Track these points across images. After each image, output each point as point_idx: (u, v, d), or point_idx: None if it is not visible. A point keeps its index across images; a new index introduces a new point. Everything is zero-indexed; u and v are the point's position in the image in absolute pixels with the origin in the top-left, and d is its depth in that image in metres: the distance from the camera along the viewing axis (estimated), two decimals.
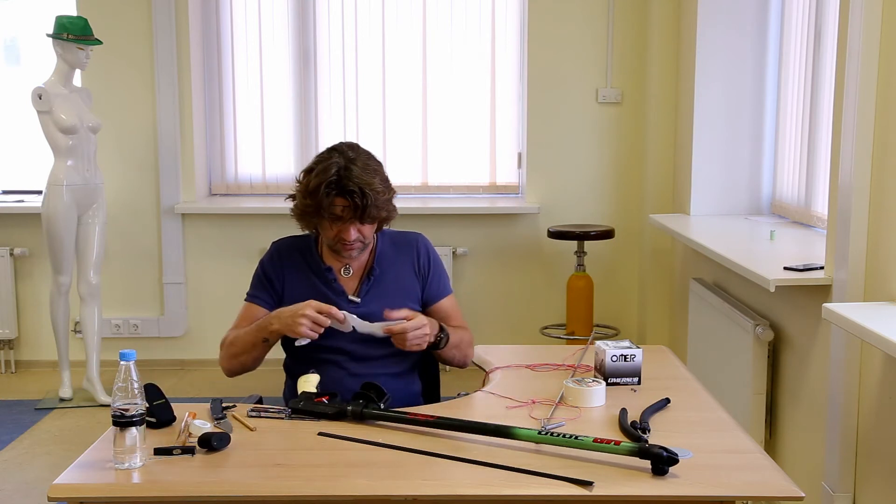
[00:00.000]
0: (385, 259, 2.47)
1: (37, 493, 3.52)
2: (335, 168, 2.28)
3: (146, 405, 1.86)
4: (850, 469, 2.82)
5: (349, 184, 2.26)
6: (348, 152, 2.33)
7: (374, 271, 2.45)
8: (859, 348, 2.74)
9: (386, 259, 2.47)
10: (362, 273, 2.46)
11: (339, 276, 2.45)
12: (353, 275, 2.46)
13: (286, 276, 2.45)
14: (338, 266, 2.45)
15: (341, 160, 2.30)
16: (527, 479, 1.74)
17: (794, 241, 3.64)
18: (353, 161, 2.30)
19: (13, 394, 4.75)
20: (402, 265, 2.48)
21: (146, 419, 1.85)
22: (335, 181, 2.27)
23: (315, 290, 2.41)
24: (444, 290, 2.53)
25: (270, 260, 2.49)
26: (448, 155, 5.14)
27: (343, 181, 2.27)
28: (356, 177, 2.27)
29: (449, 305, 2.53)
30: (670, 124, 4.68)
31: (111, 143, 4.91)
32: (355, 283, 2.45)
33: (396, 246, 2.51)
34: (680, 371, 2.43)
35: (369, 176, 2.30)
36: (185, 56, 4.93)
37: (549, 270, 5.04)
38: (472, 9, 5.03)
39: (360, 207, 2.28)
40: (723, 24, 4.24)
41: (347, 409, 2.04)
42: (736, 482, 1.74)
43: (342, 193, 2.27)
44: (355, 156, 2.33)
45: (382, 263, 2.46)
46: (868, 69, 2.66)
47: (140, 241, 5.09)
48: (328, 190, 2.27)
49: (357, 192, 2.26)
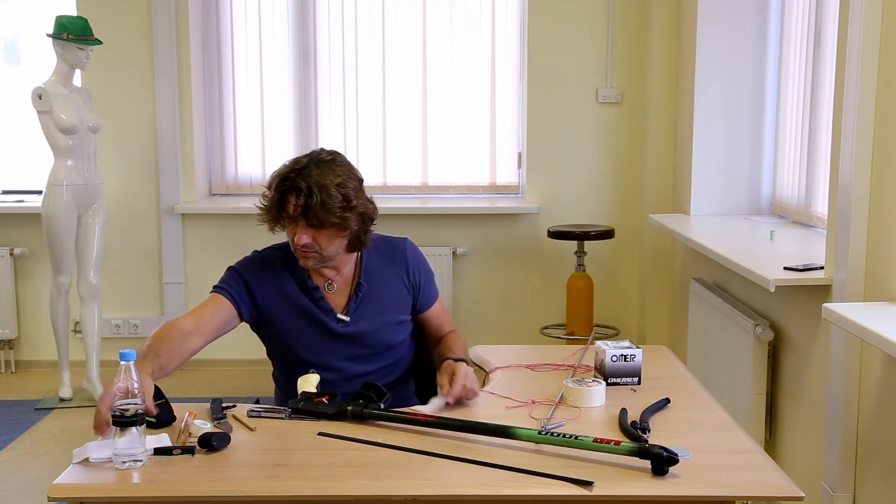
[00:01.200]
0: (372, 272, 2.40)
1: (37, 493, 3.52)
2: (295, 166, 2.25)
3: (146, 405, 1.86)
4: (850, 469, 2.82)
5: (300, 181, 2.21)
6: (321, 155, 2.28)
7: (362, 287, 2.38)
8: (859, 348, 2.74)
9: (373, 272, 2.40)
10: (350, 289, 2.39)
11: (325, 292, 2.37)
12: (340, 290, 2.38)
13: (268, 287, 2.35)
14: (322, 281, 2.37)
15: (306, 160, 2.26)
16: (527, 479, 1.74)
17: (794, 241, 3.64)
18: (318, 163, 2.25)
19: (13, 394, 4.75)
20: (391, 277, 2.42)
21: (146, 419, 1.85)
22: (288, 177, 2.23)
23: (301, 308, 2.35)
24: (433, 296, 2.50)
25: (252, 268, 2.37)
26: (448, 155, 5.14)
27: (295, 179, 2.22)
28: (310, 176, 2.21)
29: (439, 311, 2.51)
30: (670, 124, 4.68)
31: (111, 143, 4.91)
32: (343, 299, 2.38)
33: (383, 256, 2.43)
34: (680, 371, 2.43)
35: (326, 178, 2.22)
36: (185, 56, 4.93)
37: (549, 270, 5.04)
38: (472, 9, 5.03)
39: (306, 207, 2.20)
40: (723, 24, 4.24)
41: (347, 409, 2.04)
42: (736, 482, 1.74)
43: (292, 190, 2.22)
44: (326, 160, 2.27)
45: (370, 277, 2.39)
46: (868, 69, 2.66)
47: (140, 241, 5.09)
48: (280, 185, 2.24)
49: (304, 191, 2.20)
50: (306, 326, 2.35)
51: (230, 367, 5.03)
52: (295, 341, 2.36)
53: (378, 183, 5.11)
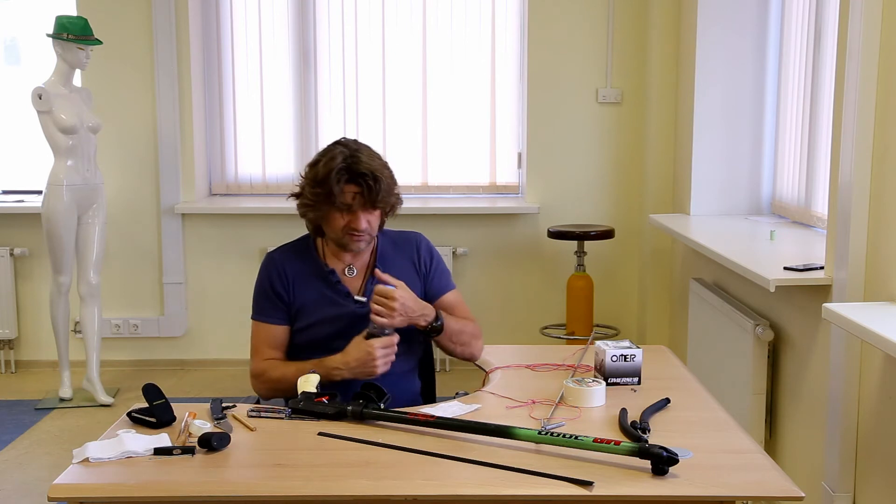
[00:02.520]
0: (386, 258, 2.47)
1: (37, 493, 3.52)
2: (342, 157, 2.29)
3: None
4: (850, 469, 2.82)
5: (360, 167, 2.27)
6: (351, 144, 2.36)
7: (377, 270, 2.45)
8: (859, 348, 2.74)
9: (387, 258, 2.47)
10: (365, 272, 2.46)
11: (342, 276, 2.44)
12: (357, 275, 2.46)
13: (294, 285, 2.42)
14: (340, 267, 2.45)
15: (346, 150, 2.32)
16: (527, 479, 1.74)
17: (794, 241, 3.64)
18: (357, 150, 2.32)
19: (13, 394, 4.75)
20: (404, 264, 2.48)
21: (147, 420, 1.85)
22: (345, 167, 2.28)
23: (320, 293, 2.41)
24: (446, 285, 2.52)
25: (272, 273, 2.43)
26: (448, 155, 5.14)
27: (353, 167, 2.28)
28: (365, 162, 2.29)
29: (453, 299, 2.51)
30: (670, 124, 4.68)
31: (111, 143, 4.91)
32: (359, 282, 2.45)
33: (397, 245, 2.50)
34: (680, 371, 2.43)
35: (376, 162, 2.32)
36: (185, 56, 4.93)
37: (549, 270, 5.04)
38: (472, 9, 5.03)
39: (372, 191, 2.28)
40: (723, 24, 4.25)
41: (347, 409, 2.04)
42: (736, 482, 1.74)
43: (353, 179, 2.27)
44: (358, 147, 2.35)
45: (384, 262, 2.46)
46: (868, 69, 2.66)
47: (140, 241, 5.09)
48: (339, 176, 2.27)
49: (369, 176, 2.27)
50: (327, 308, 2.40)
51: (230, 367, 5.03)
52: (318, 324, 2.40)
53: None
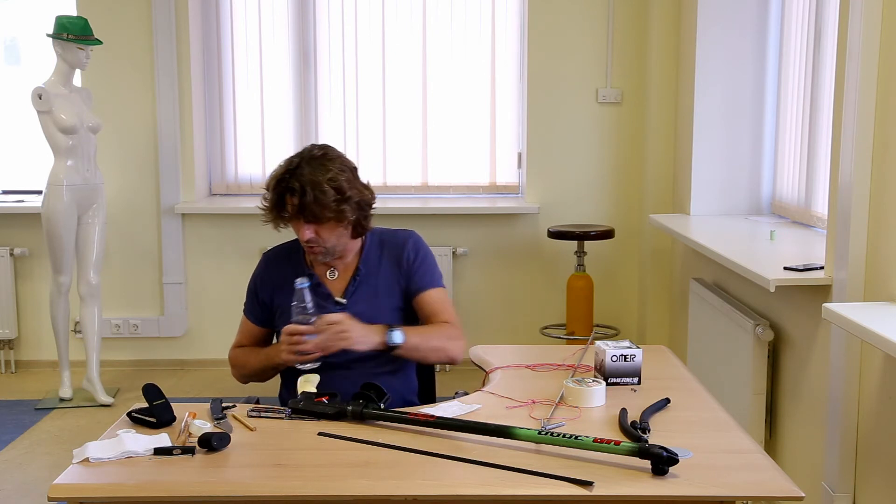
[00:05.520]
0: (371, 259, 2.47)
1: (37, 493, 3.52)
2: (287, 166, 2.33)
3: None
4: (850, 469, 2.82)
5: (293, 182, 2.29)
6: (312, 152, 2.35)
7: (360, 272, 2.45)
8: (859, 348, 2.74)
9: (372, 259, 2.47)
10: (352, 274, 2.46)
11: (324, 279, 2.45)
12: (341, 277, 2.47)
13: (274, 287, 2.48)
14: (323, 270, 2.47)
15: (298, 159, 2.33)
16: (527, 479, 1.74)
17: (794, 241, 3.64)
18: (309, 161, 2.32)
19: (13, 394, 4.75)
20: (388, 263, 2.48)
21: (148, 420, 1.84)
22: (283, 178, 2.31)
23: None
24: (429, 281, 2.47)
25: (259, 276, 2.54)
26: (448, 155, 5.14)
27: (289, 180, 2.30)
28: (302, 175, 2.29)
29: (437, 297, 2.47)
30: (670, 124, 4.68)
31: (111, 143, 4.91)
32: (343, 284, 2.46)
33: (384, 245, 2.50)
34: (680, 371, 2.43)
35: (318, 175, 2.29)
36: (185, 56, 4.93)
37: (549, 270, 5.04)
38: (472, 9, 5.03)
39: (302, 205, 2.29)
40: (723, 24, 4.25)
41: (347, 409, 2.04)
42: (736, 482, 1.74)
43: (287, 191, 2.31)
44: (317, 156, 2.34)
45: (368, 263, 2.47)
46: (868, 69, 2.66)
47: (140, 241, 5.09)
48: (276, 187, 2.33)
49: (297, 190, 2.28)
50: None
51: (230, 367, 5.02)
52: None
53: (378, 183, 5.10)
